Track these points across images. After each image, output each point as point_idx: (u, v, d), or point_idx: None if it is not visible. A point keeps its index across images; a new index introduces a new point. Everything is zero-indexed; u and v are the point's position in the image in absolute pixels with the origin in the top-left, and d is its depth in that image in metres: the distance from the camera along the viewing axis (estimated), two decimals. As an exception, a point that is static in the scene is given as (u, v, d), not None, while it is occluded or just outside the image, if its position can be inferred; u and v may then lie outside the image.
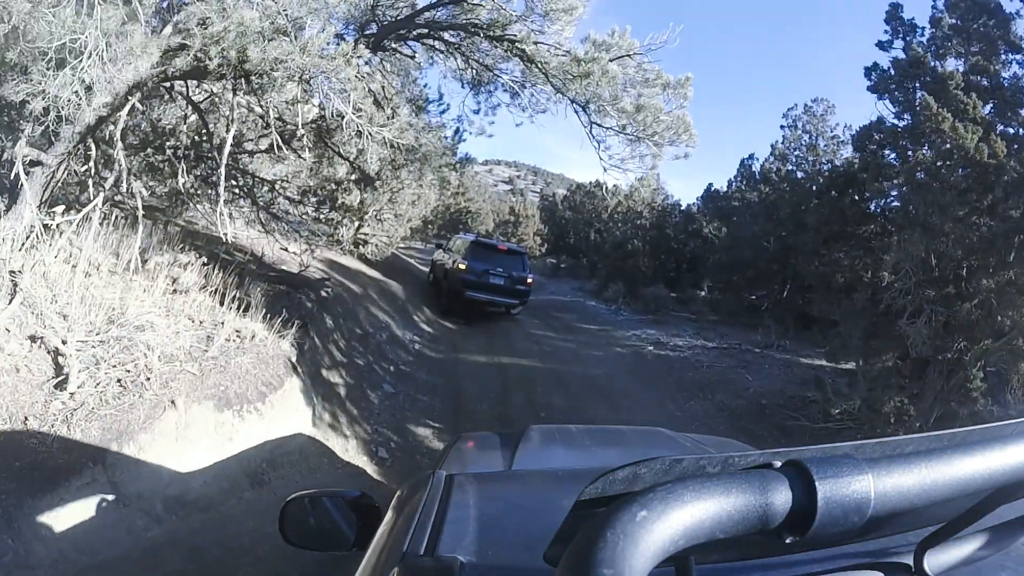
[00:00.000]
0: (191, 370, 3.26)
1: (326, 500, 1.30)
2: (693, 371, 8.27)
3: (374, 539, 0.95)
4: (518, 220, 25.38)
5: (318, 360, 5.04)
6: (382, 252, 10.55)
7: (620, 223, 22.22)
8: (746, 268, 13.61)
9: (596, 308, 13.71)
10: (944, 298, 5.92)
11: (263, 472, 3.23)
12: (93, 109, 4.11)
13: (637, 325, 11.63)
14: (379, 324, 7.65)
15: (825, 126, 15.40)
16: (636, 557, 0.30)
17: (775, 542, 0.38)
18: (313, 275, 7.34)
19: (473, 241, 9.97)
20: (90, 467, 2.67)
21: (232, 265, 5.82)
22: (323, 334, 5.64)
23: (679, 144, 4.11)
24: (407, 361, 7.04)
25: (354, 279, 8.63)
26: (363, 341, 6.64)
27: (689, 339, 10.46)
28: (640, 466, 0.39)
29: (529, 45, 3.96)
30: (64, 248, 4.04)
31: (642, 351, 9.11)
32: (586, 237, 24.82)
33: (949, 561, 0.57)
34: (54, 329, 3.28)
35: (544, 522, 0.73)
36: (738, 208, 16.07)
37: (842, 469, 0.37)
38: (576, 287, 18.04)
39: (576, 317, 11.96)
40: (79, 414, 2.83)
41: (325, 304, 6.32)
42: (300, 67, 2.92)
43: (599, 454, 1.97)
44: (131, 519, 2.68)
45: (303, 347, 4.70)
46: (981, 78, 6.10)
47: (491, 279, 9.48)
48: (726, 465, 0.40)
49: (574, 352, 8.70)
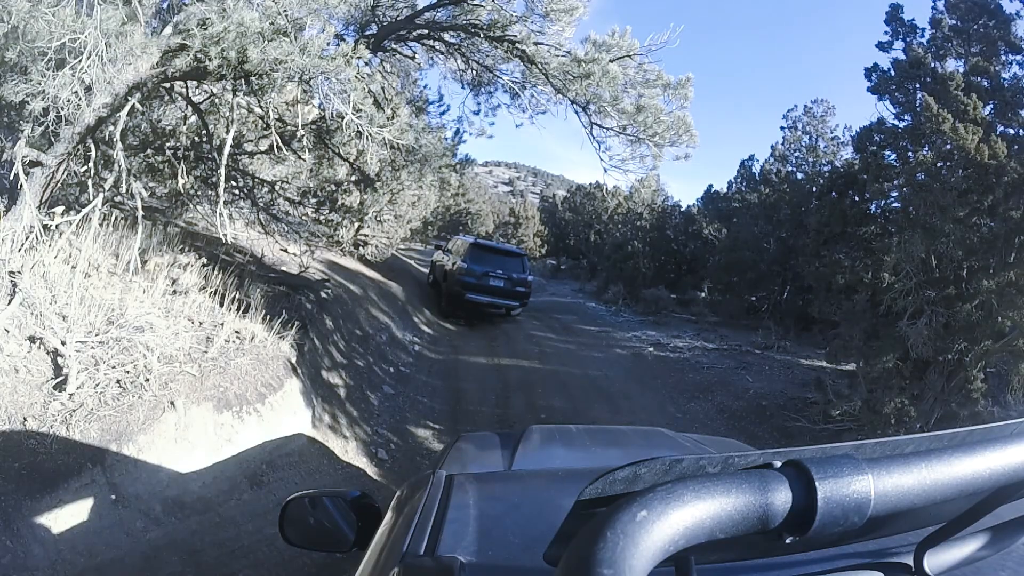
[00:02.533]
0: (190, 371, 3.25)
1: (326, 500, 1.30)
2: (693, 372, 8.26)
3: (374, 539, 0.95)
4: (518, 221, 25.38)
5: (318, 361, 5.03)
6: (382, 254, 10.56)
7: (620, 224, 22.23)
8: (746, 270, 13.61)
9: (596, 309, 13.70)
10: (945, 299, 5.91)
11: (262, 474, 3.22)
12: (93, 110, 4.11)
13: (637, 326, 11.62)
14: (379, 325, 7.64)
15: (825, 127, 15.42)
16: (636, 557, 0.30)
17: (775, 542, 0.38)
18: (313, 276, 7.34)
19: (473, 243, 9.99)
20: (89, 468, 2.66)
21: (232, 266, 5.82)
22: (323, 335, 5.63)
23: (680, 145, 4.11)
24: (407, 362, 7.03)
25: (354, 280, 8.62)
26: (363, 342, 6.64)
27: (689, 340, 10.45)
28: (640, 466, 0.39)
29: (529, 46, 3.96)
30: (63, 249, 4.04)
31: (642, 352, 9.10)
32: (586, 238, 24.83)
33: (949, 561, 0.57)
34: (53, 330, 3.27)
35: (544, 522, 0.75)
36: (738, 209, 16.08)
37: (842, 469, 0.37)
38: (576, 288, 18.04)
39: (576, 318, 11.95)
40: (78, 415, 2.82)
41: (325, 305, 6.31)
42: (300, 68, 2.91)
43: (599, 454, 1.97)
44: (130, 520, 2.67)
45: (303, 348, 4.69)
46: (981, 79, 6.11)
47: (491, 281, 9.51)
48: (726, 465, 0.40)
49: (574, 353, 8.69)
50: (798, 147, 15.40)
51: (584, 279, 20.18)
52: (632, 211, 22.36)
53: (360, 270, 9.74)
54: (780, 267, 13.56)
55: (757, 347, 10.57)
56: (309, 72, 2.93)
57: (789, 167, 15.45)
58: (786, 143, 15.62)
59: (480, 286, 9.43)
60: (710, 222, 16.82)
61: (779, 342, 11.10)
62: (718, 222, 16.54)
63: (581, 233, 25.46)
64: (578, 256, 24.62)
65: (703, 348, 9.84)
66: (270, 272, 6.90)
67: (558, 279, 21.16)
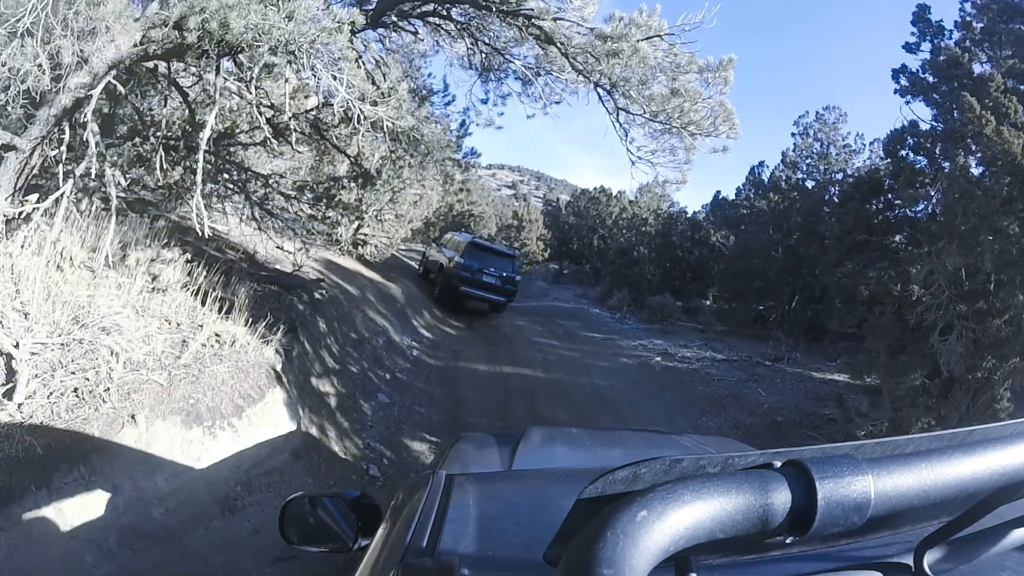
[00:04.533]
0: (158, 380, 2.90)
1: (326, 500, 1.31)
2: (703, 384, 7.90)
3: (374, 539, 0.96)
4: (521, 224, 25.07)
5: (307, 367, 4.68)
6: (381, 253, 10.22)
7: (625, 230, 21.93)
8: (755, 278, 13.27)
9: (600, 316, 13.34)
10: (976, 313, 5.57)
11: (236, 497, 2.86)
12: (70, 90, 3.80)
13: (643, 334, 11.26)
14: (376, 329, 7.29)
15: (837, 134, 15.17)
16: (636, 557, 0.30)
17: (775, 542, 0.38)
18: (308, 276, 6.99)
19: (471, 242, 10.61)
20: (33, 492, 2.31)
21: (220, 263, 5.50)
22: (314, 339, 5.29)
23: (718, 135, 3.72)
24: (404, 369, 6.68)
25: (352, 281, 8.27)
26: (358, 346, 6.29)
27: (697, 350, 10.09)
28: (640, 466, 0.38)
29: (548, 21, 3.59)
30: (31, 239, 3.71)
31: (649, 362, 8.73)
32: (590, 243, 24.57)
33: (949, 561, 0.56)
34: (9, 329, 2.93)
35: (544, 522, 0.72)
36: (747, 216, 15.76)
37: (842, 469, 0.37)
38: (580, 294, 17.67)
39: (580, 325, 11.59)
40: (24, 428, 2.48)
41: (319, 307, 5.97)
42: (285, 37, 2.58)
43: (599, 454, 1.96)
44: (79, 554, 2.32)
45: (290, 353, 4.34)
46: (1017, 82, 5.78)
47: (484, 277, 10.27)
48: (726, 465, 0.39)
49: (579, 362, 8.33)
50: (809, 154, 15.14)
51: (587, 284, 19.82)
52: (637, 216, 22.08)
53: (359, 270, 9.39)
54: (789, 276, 13.23)
55: (767, 358, 10.22)
56: (295, 42, 2.59)
57: (800, 174, 15.18)
58: (797, 150, 15.35)
59: (474, 280, 10.20)
60: (717, 229, 16.46)
61: (789, 353, 10.76)
62: (726, 229, 16.19)
63: (585, 237, 25.23)
64: (581, 261, 24.32)
65: (712, 358, 9.48)
66: (262, 270, 6.55)
67: (561, 284, 20.79)
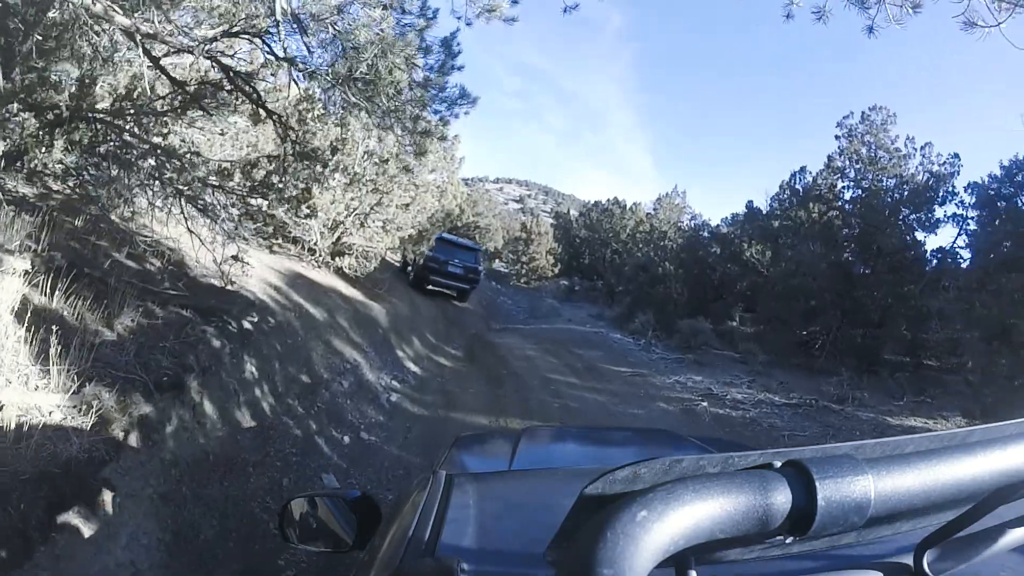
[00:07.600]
0: None
1: (326, 500, 1.31)
2: (771, 443, 6.03)
3: (374, 539, 0.99)
4: (530, 237, 23.41)
5: (182, 452, 2.90)
6: (362, 267, 8.52)
7: (642, 244, 20.24)
8: (799, 298, 11.41)
9: (623, 343, 11.50)
10: None
11: None
12: None
13: (676, 367, 9.41)
14: (342, 366, 5.53)
15: (887, 137, 13.43)
16: (636, 557, 0.30)
17: (775, 542, 0.38)
18: (252, 294, 5.25)
19: (439, 237, 11.31)
20: None
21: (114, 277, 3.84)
22: (226, 393, 3.54)
23: None
24: (374, 424, 4.90)
25: (319, 300, 6.54)
26: (307, 395, 4.52)
27: (747, 389, 8.23)
28: (640, 466, 0.38)
29: None
30: None
31: (694, 408, 6.88)
32: (602, 258, 22.88)
33: (949, 561, 0.55)
34: None
35: (544, 522, 0.72)
36: (784, 228, 13.97)
37: (842, 469, 0.37)
38: (595, 314, 15.84)
39: (601, 355, 9.75)
40: None
41: (249, 341, 4.22)
42: None
43: (599, 454, 1.96)
44: None
45: (151, 434, 2.59)
46: None
47: (450, 268, 11.80)
48: (726, 465, 0.39)
49: (605, 408, 6.50)
50: (858, 159, 13.40)
51: (602, 303, 18.00)
52: (656, 229, 20.39)
53: (333, 286, 7.66)
54: (838, 296, 11.37)
55: (830, 398, 8.34)
56: None
57: (847, 182, 13.42)
58: (844, 154, 13.62)
59: (441, 271, 11.68)
60: (751, 243, 14.63)
61: (852, 392, 8.86)
62: (761, 243, 14.36)
63: (597, 252, 23.60)
64: (593, 276, 22.59)
65: (770, 401, 7.62)
66: (186, 285, 4.82)
67: (572, 301, 18.96)
